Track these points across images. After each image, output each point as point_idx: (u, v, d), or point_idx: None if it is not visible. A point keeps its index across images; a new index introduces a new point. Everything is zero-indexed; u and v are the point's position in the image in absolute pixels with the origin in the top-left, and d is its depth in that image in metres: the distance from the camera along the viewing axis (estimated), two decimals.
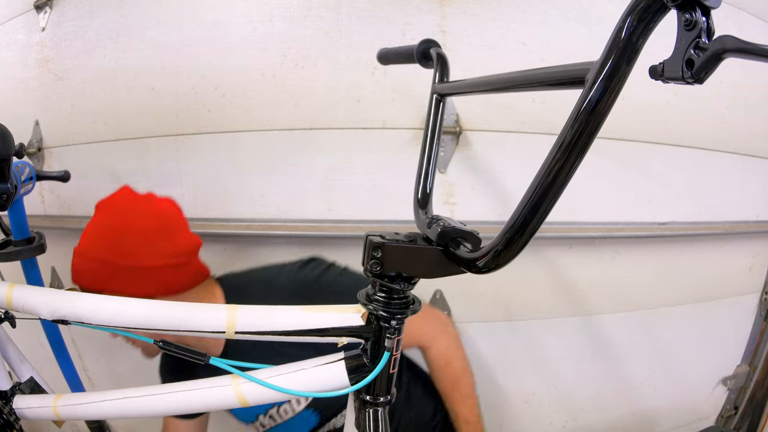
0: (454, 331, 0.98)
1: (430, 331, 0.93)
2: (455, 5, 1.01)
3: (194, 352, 0.51)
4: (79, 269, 0.79)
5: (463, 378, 0.92)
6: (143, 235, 0.80)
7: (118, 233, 0.80)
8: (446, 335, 0.95)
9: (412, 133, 1.05)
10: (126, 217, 0.81)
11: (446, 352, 0.92)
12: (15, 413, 0.59)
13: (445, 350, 0.93)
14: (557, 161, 0.31)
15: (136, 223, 0.80)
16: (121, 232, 0.80)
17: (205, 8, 1.07)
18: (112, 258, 0.77)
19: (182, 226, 0.85)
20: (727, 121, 1.18)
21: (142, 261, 0.78)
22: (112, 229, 0.80)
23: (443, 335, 0.94)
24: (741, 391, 1.41)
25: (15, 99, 1.27)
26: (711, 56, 0.25)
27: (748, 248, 1.31)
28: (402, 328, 0.47)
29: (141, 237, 0.80)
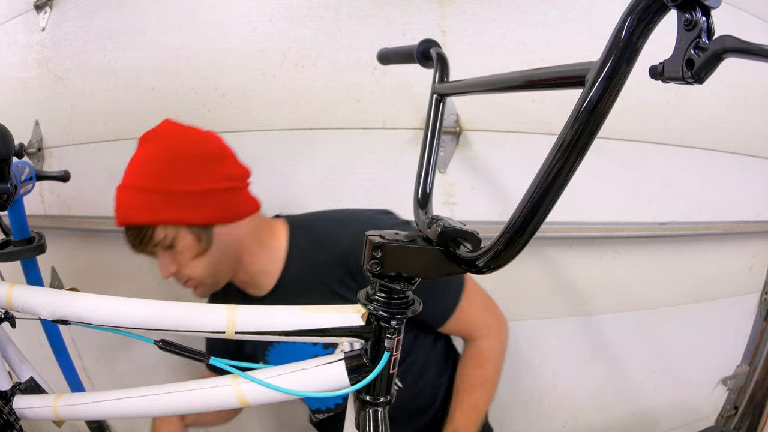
0: (505, 340, 0.89)
1: (485, 326, 0.87)
2: (455, 5, 1.01)
3: (194, 352, 0.51)
4: (128, 204, 0.74)
5: (484, 389, 0.86)
6: (198, 159, 0.77)
7: (173, 159, 0.76)
8: (497, 339, 0.88)
9: (412, 133, 1.05)
10: (179, 142, 0.78)
11: (487, 355, 0.87)
12: (15, 413, 0.59)
13: (487, 352, 0.87)
14: (557, 161, 0.31)
15: (190, 148, 0.78)
16: (175, 157, 0.76)
17: (205, 8, 1.07)
18: (167, 185, 0.73)
19: (232, 152, 0.83)
20: (727, 121, 1.18)
21: (199, 184, 0.75)
22: (165, 156, 0.76)
23: (494, 338, 0.88)
24: (741, 391, 1.41)
25: (15, 99, 1.27)
26: (711, 56, 0.25)
27: (748, 248, 1.31)
28: (402, 329, 0.47)
29: (196, 160, 0.76)
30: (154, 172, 0.75)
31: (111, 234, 1.24)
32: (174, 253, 0.76)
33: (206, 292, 0.82)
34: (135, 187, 0.75)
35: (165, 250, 0.76)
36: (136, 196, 0.74)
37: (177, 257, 0.76)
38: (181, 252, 0.75)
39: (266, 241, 0.83)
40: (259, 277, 0.83)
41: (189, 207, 0.74)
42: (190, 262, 0.76)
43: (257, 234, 0.82)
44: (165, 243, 0.74)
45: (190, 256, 0.76)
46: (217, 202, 0.77)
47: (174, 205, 0.73)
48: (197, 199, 0.75)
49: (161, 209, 0.73)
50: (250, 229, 0.81)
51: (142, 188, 0.74)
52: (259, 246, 0.82)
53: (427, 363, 0.88)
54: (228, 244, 0.78)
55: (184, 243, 0.75)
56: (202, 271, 0.77)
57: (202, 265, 0.77)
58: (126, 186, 0.76)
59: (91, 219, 1.23)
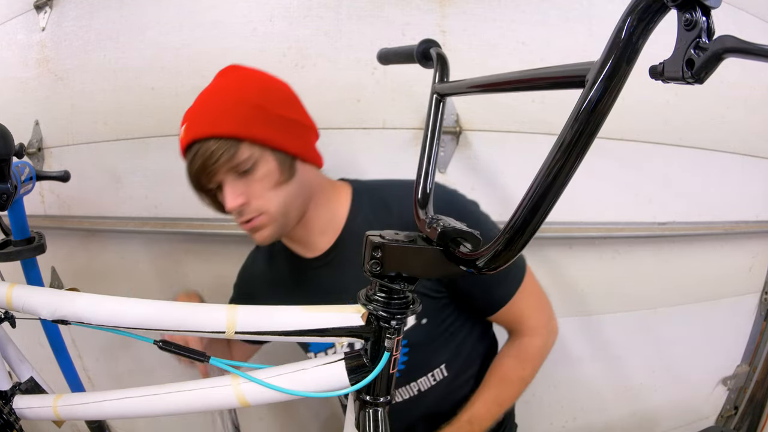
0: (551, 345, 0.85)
1: (536, 325, 0.83)
2: (455, 5, 1.01)
3: (194, 352, 0.51)
4: (215, 114, 0.69)
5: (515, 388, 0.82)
6: (288, 91, 0.76)
7: (266, 83, 0.75)
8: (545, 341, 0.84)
9: (412, 133, 1.05)
10: (266, 74, 0.77)
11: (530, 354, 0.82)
12: (15, 413, 0.59)
13: (531, 351, 0.83)
14: (557, 161, 0.31)
15: (278, 81, 0.76)
16: (268, 82, 0.75)
17: (205, 8, 1.07)
18: (262, 102, 0.70)
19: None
20: (727, 121, 1.18)
21: (291, 112, 0.74)
22: (258, 80, 0.75)
23: (542, 339, 0.84)
24: (741, 391, 1.41)
25: (15, 99, 1.27)
26: (711, 56, 0.25)
27: (748, 248, 1.31)
28: (402, 329, 0.47)
29: (287, 91, 0.76)
30: (250, 88, 0.72)
31: (111, 234, 1.24)
32: (249, 180, 0.70)
33: (271, 233, 0.75)
34: (228, 99, 0.70)
35: (239, 176, 0.70)
36: (228, 107, 0.69)
37: (251, 185, 0.70)
38: (259, 179, 0.70)
39: (331, 199, 0.81)
40: (316, 235, 0.81)
41: (281, 130, 0.71)
42: (266, 193, 0.71)
43: (323, 189, 0.80)
44: (245, 165, 0.69)
45: (269, 184, 0.71)
46: (303, 135, 0.75)
47: (267, 125, 0.70)
48: (289, 125, 0.73)
49: (255, 124, 0.69)
50: (318, 182, 0.80)
51: (236, 100, 0.70)
52: (324, 201, 0.80)
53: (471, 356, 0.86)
54: (303, 184, 0.75)
55: (267, 169, 0.70)
56: (276, 205, 0.72)
57: (278, 198, 0.72)
58: (215, 99, 0.71)
59: (91, 219, 1.23)
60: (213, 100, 0.72)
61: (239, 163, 0.69)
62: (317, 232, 0.81)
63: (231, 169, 0.69)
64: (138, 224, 1.18)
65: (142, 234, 1.19)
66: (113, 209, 1.20)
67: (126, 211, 1.19)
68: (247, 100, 0.70)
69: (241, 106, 0.69)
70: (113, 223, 1.21)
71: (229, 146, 0.68)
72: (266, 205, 0.72)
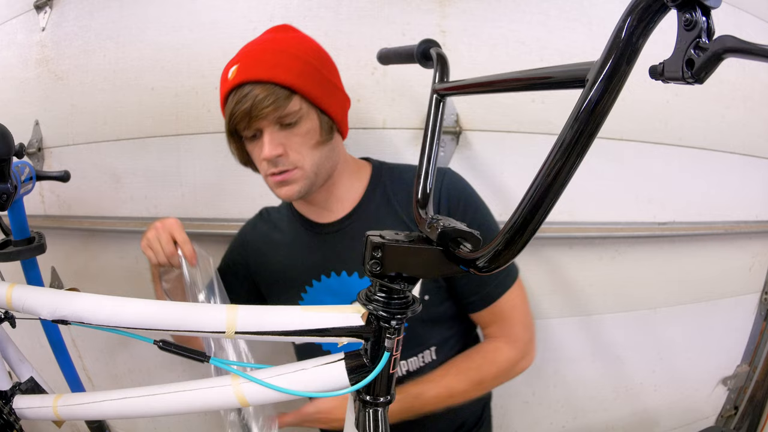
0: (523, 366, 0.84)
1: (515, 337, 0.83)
2: (455, 5, 1.01)
3: (194, 352, 0.51)
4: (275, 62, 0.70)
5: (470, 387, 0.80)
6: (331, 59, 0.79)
7: (318, 46, 0.77)
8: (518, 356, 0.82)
9: (412, 133, 1.05)
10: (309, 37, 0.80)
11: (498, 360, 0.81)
12: (15, 413, 0.59)
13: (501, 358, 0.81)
14: (557, 161, 0.31)
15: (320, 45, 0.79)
16: (319, 46, 0.77)
17: (205, 8, 1.07)
18: (316, 63, 0.73)
19: None
20: (727, 121, 1.18)
21: (335, 78, 0.78)
22: (312, 41, 0.77)
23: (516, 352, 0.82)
24: (741, 391, 1.41)
25: (15, 99, 1.27)
26: (711, 56, 0.25)
27: (748, 248, 1.31)
28: (402, 329, 0.47)
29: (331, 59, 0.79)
30: (309, 48, 0.75)
31: (111, 234, 1.24)
32: (290, 133, 0.72)
33: (299, 189, 0.75)
34: (287, 51, 0.71)
35: (281, 127, 0.71)
36: (289, 59, 0.70)
37: (292, 138, 0.72)
38: (300, 134, 0.72)
39: (353, 170, 0.85)
40: (335, 201, 0.83)
41: (330, 94, 0.75)
42: (303, 149, 0.73)
43: (347, 159, 0.84)
44: (291, 118, 0.71)
45: (309, 142, 0.73)
46: (343, 104, 0.79)
47: (319, 84, 0.73)
48: (334, 90, 0.76)
49: (310, 81, 0.71)
50: (344, 151, 0.83)
51: (297, 55, 0.71)
52: (347, 170, 0.84)
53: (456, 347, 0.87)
54: (334, 150, 0.78)
55: (309, 126, 0.72)
56: (311, 163, 0.74)
57: (313, 157, 0.74)
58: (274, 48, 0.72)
59: (91, 219, 1.23)
60: (271, 49, 0.72)
61: (287, 114, 0.70)
62: (337, 198, 0.83)
63: (277, 118, 0.70)
64: (138, 224, 1.18)
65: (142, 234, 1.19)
66: (113, 209, 1.20)
67: (126, 211, 1.19)
68: (304, 56, 0.72)
69: (298, 61, 0.71)
70: (113, 223, 1.21)
71: (283, 95, 0.69)
72: (302, 160, 0.73)
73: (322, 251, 0.85)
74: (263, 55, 0.71)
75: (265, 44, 0.73)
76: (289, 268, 0.87)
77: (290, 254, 0.87)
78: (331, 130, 0.76)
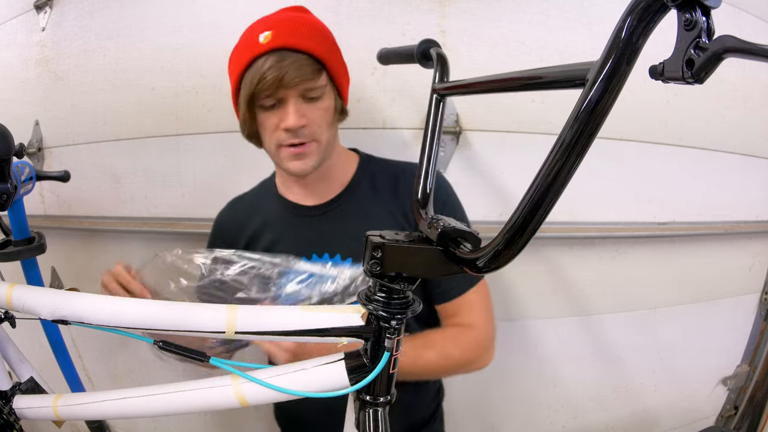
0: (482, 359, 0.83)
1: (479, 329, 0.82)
2: (455, 5, 1.01)
3: (194, 352, 0.51)
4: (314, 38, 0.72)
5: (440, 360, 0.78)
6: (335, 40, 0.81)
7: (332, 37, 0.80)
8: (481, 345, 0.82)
9: (412, 133, 1.05)
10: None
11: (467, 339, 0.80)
12: (15, 413, 0.59)
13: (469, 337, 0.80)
14: (557, 161, 0.31)
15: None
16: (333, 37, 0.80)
17: (205, 8, 1.07)
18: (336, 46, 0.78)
19: None
20: (727, 121, 1.18)
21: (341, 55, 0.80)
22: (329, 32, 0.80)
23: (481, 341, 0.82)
24: (741, 391, 1.41)
25: (15, 99, 1.27)
26: (711, 56, 0.25)
27: (748, 248, 1.31)
28: (402, 329, 0.47)
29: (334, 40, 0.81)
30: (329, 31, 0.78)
31: (111, 234, 1.24)
32: (312, 107, 0.73)
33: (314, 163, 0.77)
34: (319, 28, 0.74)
35: (306, 100, 0.73)
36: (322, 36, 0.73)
37: (314, 112, 0.73)
38: (322, 109, 0.74)
39: (342, 155, 0.87)
40: (325, 183, 0.84)
41: (345, 77, 0.78)
42: (322, 124, 0.75)
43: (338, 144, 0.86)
44: (317, 92, 0.72)
45: (327, 118, 0.75)
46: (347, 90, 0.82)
47: (341, 66, 0.76)
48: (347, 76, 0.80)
49: (336, 61, 0.75)
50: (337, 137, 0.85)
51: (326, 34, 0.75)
52: (338, 154, 0.85)
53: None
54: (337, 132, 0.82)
55: (328, 103, 0.75)
56: (326, 139, 0.76)
57: (328, 133, 0.76)
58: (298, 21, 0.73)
59: (91, 219, 1.23)
60: (305, 22, 0.73)
61: (315, 87, 0.71)
62: (327, 181, 0.84)
63: (304, 90, 0.71)
64: (138, 224, 1.18)
65: (142, 234, 1.19)
66: (113, 209, 1.20)
67: (126, 211, 1.19)
68: (329, 34, 0.76)
69: (328, 39, 0.74)
70: (113, 223, 1.21)
71: (316, 68, 0.71)
72: (321, 134, 0.75)
73: (306, 233, 0.84)
74: (300, 26, 0.72)
75: (296, 18, 0.74)
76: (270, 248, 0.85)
77: (274, 237, 0.86)
78: (342, 112, 0.79)
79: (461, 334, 0.82)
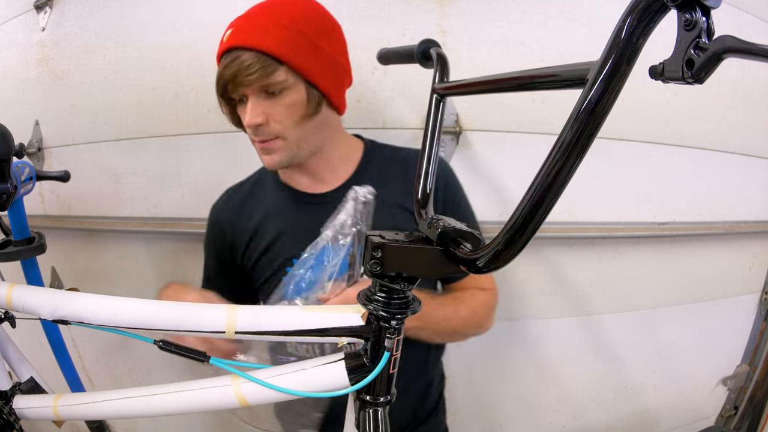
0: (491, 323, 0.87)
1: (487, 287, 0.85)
2: (455, 5, 1.01)
3: (194, 352, 0.51)
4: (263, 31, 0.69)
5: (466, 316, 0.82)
6: (341, 33, 0.78)
7: (323, 17, 0.75)
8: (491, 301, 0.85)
9: (412, 133, 1.05)
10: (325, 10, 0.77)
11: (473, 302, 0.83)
12: (15, 413, 0.59)
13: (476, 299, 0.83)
14: (557, 161, 0.31)
15: (335, 21, 0.77)
16: (325, 17, 0.76)
17: (205, 8, 1.07)
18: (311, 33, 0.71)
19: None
20: (727, 121, 1.18)
21: (337, 53, 0.76)
22: (316, 11, 0.75)
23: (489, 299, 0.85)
24: (741, 391, 1.41)
25: (15, 99, 1.27)
26: (711, 56, 0.25)
27: (748, 248, 1.31)
28: (402, 329, 0.47)
29: (340, 32, 0.77)
30: (307, 18, 0.72)
31: (111, 234, 1.24)
32: (273, 103, 0.71)
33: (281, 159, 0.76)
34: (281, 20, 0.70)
35: (266, 96, 0.71)
36: (283, 31, 0.69)
37: (275, 108, 0.71)
38: (285, 105, 0.71)
39: (346, 143, 0.85)
40: (330, 171, 0.83)
41: (321, 66, 0.72)
42: (286, 120, 0.72)
43: (339, 132, 0.84)
44: (276, 87, 0.70)
45: (292, 113, 0.72)
46: (339, 78, 0.77)
47: (311, 57, 0.71)
48: (330, 63, 0.74)
49: (299, 52, 0.70)
50: (336, 125, 0.82)
51: (290, 26, 0.70)
52: (340, 141, 0.84)
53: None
54: (322, 124, 0.77)
55: (295, 98, 0.71)
56: (294, 135, 0.74)
57: (296, 129, 0.73)
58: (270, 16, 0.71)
59: (91, 219, 1.23)
60: (265, 15, 0.72)
61: (272, 83, 0.70)
62: (331, 168, 0.83)
63: (262, 87, 0.70)
64: (138, 224, 1.18)
65: (142, 234, 1.19)
66: (113, 209, 1.20)
67: (126, 211, 1.19)
68: (298, 25, 0.70)
69: (290, 30, 0.70)
70: (113, 223, 1.21)
71: (269, 64, 0.68)
72: (284, 131, 0.73)
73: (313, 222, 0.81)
74: (256, 21, 0.71)
75: (262, 11, 0.73)
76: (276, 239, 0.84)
77: (279, 228, 0.84)
78: (319, 105, 0.74)
79: (472, 297, 0.83)
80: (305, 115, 0.73)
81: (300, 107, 0.72)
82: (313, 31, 0.72)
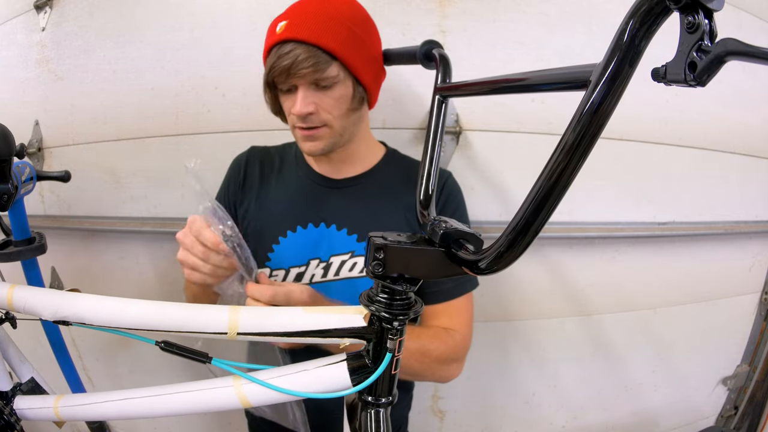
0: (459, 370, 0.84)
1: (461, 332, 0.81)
2: (455, 5, 1.01)
3: (196, 353, 0.51)
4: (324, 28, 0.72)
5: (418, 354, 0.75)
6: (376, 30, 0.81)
7: (366, 15, 0.79)
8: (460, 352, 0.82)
9: (411, 134, 1.05)
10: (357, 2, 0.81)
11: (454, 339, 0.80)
12: (16, 414, 0.59)
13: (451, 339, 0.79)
14: (560, 163, 0.31)
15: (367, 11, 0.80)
16: (367, 15, 0.79)
17: (205, 8, 1.07)
18: (361, 32, 0.75)
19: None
20: (727, 121, 1.18)
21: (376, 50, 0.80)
22: (365, 15, 0.79)
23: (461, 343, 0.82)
24: (741, 391, 1.41)
25: (15, 99, 1.27)
26: (714, 59, 0.25)
27: (748, 248, 1.31)
28: (404, 330, 0.47)
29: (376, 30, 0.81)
30: (356, 16, 0.76)
31: (111, 234, 1.24)
32: (322, 95, 0.75)
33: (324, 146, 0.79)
34: (338, 18, 0.73)
35: (317, 88, 0.74)
36: (337, 27, 0.73)
37: (324, 99, 0.75)
38: (334, 97, 0.75)
39: (371, 143, 0.91)
40: (351, 162, 0.87)
41: (367, 64, 0.77)
42: (334, 111, 0.76)
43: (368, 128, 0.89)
44: (327, 81, 0.73)
45: (340, 106, 0.76)
46: (378, 75, 0.82)
47: (360, 54, 0.75)
48: (373, 61, 0.79)
49: (351, 49, 0.73)
50: (368, 119, 0.88)
51: (343, 19, 0.74)
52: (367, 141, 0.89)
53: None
54: (360, 118, 0.83)
55: (344, 92, 0.76)
56: (339, 124, 0.78)
57: (342, 120, 0.78)
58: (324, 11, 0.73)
59: (91, 219, 1.23)
60: (322, 12, 0.74)
61: (324, 78, 0.73)
62: (353, 159, 0.87)
63: (314, 80, 0.73)
64: (138, 224, 1.18)
65: (142, 234, 1.19)
66: (113, 209, 1.20)
67: (126, 211, 1.19)
68: (351, 25, 0.74)
69: (345, 28, 0.73)
70: (113, 223, 1.21)
71: (325, 60, 0.71)
72: (332, 120, 0.77)
73: (319, 201, 0.87)
74: (313, 16, 0.73)
75: (316, 6, 0.75)
76: (283, 205, 0.87)
77: (286, 194, 0.88)
78: (363, 100, 0.79)
79: (444, 334, 0.80)
80: (351, 108, 0.77)
81: (347, 101, 0.76)
82: (360, 28, 0.76)
